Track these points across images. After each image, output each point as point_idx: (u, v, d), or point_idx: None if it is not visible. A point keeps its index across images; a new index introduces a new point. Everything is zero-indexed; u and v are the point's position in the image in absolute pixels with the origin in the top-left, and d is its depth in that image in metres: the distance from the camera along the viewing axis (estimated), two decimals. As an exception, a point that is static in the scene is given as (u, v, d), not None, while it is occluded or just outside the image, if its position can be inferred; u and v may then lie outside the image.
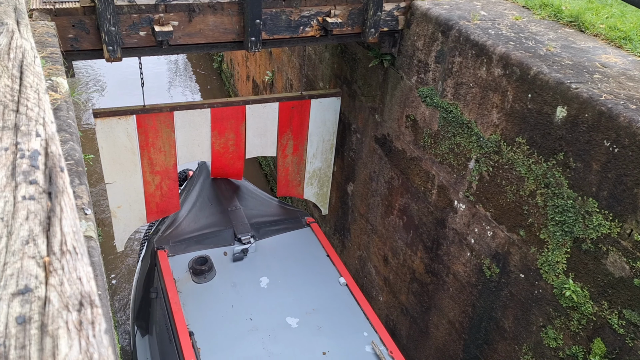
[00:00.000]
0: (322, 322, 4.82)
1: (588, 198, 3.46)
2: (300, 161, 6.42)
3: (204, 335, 4.58)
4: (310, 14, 4.58)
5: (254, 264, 5.41)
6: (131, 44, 4.17)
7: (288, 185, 6.53)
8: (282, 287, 5.22)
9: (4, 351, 0.70)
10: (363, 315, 4.91)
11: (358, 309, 4.97)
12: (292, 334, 4.70)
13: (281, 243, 5.68)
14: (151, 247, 5.69)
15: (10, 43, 1.45)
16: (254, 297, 5.03)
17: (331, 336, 4.69)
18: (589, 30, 4.32)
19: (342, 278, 5.26)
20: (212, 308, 4.91)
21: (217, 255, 5.44)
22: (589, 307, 3.58)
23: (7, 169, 0.96)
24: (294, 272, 5.38)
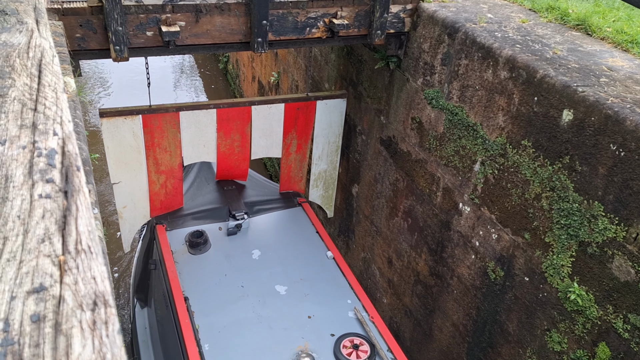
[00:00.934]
0: (308, 290, 5.15)
1: (594, 202, 3.46)
2: (302, 159, 6.45)
3: (198, 300, 4.90)
4: (316, 16, 4.59)
5: (247, 238, 5.75)
6: (138, 44, 4.19)
7: (290, 182, 6.58)
8: (272, 259, 5.55)
9: (19, 349, 0.71)
10: (347, 285, 5.22)
11: (343, 279, 5.30)
12: (280, 300, 5.03)
13: (273, 220, 6.01)
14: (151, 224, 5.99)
15: (30, 42, 1.46)
16: (246, 268, 5.36)
17: (316, 302, 5.02)
18: (596, 34, 4.31)
19: (330, 252, 5.61)
20: (206, 276, 5.23)
21: (212, 230, 5.77)
22: (594, 311, 3.58)
23: (24, 167, 0.97)
24: (284, 246, 5.72)
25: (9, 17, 1.59)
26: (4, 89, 1.20)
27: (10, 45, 1.41)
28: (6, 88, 1.20)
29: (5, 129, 1.07)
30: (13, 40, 1.44)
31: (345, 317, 4.85)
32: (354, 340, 4.59)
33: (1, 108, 1.14)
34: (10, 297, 0.77)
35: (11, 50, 1.39)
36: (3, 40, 1.45)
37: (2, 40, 1.45)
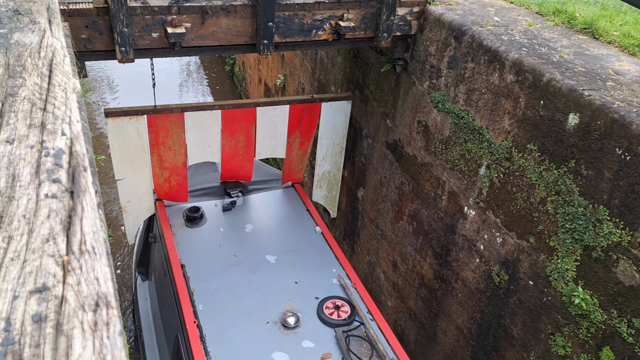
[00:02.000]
0: (296, 260, 5.58)
1: (599, 206, 3.44)
2: (304, 154, 6.51)
3: (193, 267, 5.34)
4: (323, 18, 4.59)
5: (241, 214, 6.16)
6: (144, 45, 4.20)
7: (291, 174, 6.66)
8: (264, 232, 5.96)
9: (19, 349, 0.71)
10: (333, 256, 5.64)
11: (329, 251, 5.72)
12: (269, 267, 5.48)
13: (267, 199, 6.40)
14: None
15: (42, 42, 1.47)
16: (239, 240, 5.80)
17: (303, 270, 5.45)
18: (603, 38, 4.30)
19: (318, 227, 6.00)
20: (201, 247, 5.66)
21: (208, 207, 6.20)
22: (598, 315, 3.56)
23: (31, 167, 0.97)
24: (275, 221, 6.14)
25: (22, 17, 1.60)
26: (14, 88, 1.21)
27: (22, 45, 1.42)
28: (17, 87, 1.21)
29: (15, 128, 1.07)
30: (25, 40, 1.45)
31: (329, 283, 5.29)
32: (336, 302, 5.01)
33: (11, 107, 1.14)
34: (12, 297, 0.77)
35: (23, 49, 1.40)
36: (15, 40, 1.46)
37: (14, 40, 1.46)
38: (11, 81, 1.20)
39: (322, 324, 4.84)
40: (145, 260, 6.78)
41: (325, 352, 4.60)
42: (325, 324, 4.83)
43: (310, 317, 4.91)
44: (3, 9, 1.64)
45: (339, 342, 4.66)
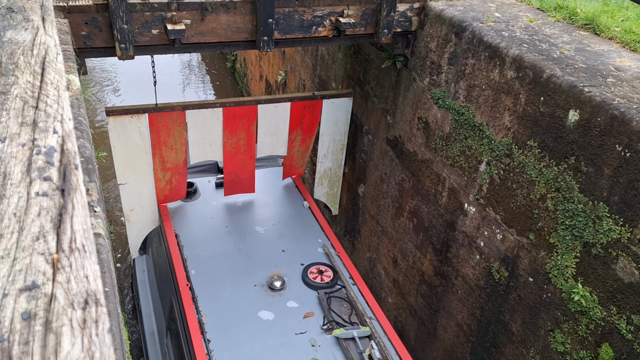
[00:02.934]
0: (284, 231, 5.94)
1: (599, 203, 3.44)
2: (305, 150, 6.51)
3: (187, 237, 5.72)
4: (323, 14, 4.59)
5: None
6: (143, 42, 4.20)
7: (291, 169, 6.68)
8: (254, 205, 6.32)
9: (8, 346, 0.71)
10: (319, 228, 6.00)
11: (316, 223, 6.07)
12: (258, 237, 5.84)
13: (258, 176, 6.60)
14: None
15: (35, 39, 1.47)
16: (230, 213, 6.14)
17: (290, 240, 5.81)
18: (604, 34, 4.28)
19: (306, 202, 6.35)
20: (194, 218, 6.02)
21: (202, 182, 6.59)
22: (598, 312, 3.56)
23: (22, 165, 0.97)
24: (266, 196, 6.48)
25: (15, 15, 1.60)
26: (6, 86, 1.21)
27: (15, 43, 1.42)
28: (9, 85, 1.21)
29: (6, 126, 1.07)
30: (18, 38, 1.45)
31: (314, 252, 5.66)
32: (319, 268, 5.40)
33: (3, 105, 1.15)
34: (2, 295, 0.77)
35: (16, 47, 1.40)
36: (8, 38, 1.46)
37: (7, 38, 1.46)
38: (3, 79, 1.21)
39: (306, 287, 5.19)
40: None
41: (308, 311, 4.95)
42: (309, 287, 5.19)
43: (295, 281, 5.26)
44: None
45: (321, 302, 5.00)
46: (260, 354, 4.52)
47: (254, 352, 4.52)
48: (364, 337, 4.63)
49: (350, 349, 4.52)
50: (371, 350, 4.48)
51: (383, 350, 4.49)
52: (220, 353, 4.50)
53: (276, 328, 4.76)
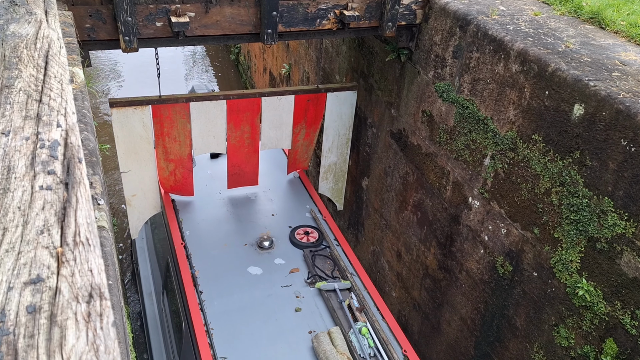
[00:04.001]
0: (274, 197, 6.31)
1: (603, 197, 3.43)
2: (309, 144, 6.52)
3: (182, 202, 6.09)
4: (327, 7, 4.57)
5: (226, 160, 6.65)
6: (147, 35, 4.19)
7: (296, 163, 6.71)
8: None
9: (13, 339, 0.72)
10: (308, 195, 6.36)
11: (305, 191, 6.43)
12: (249, 202, 6.24)
13: None
14: None
15: (38, 33, 1.47)
16: (224, 180, 6.37)
17: (280, 205, 6.18)
18: (609, 27, 4.25)
19: (297, 172, 6.75)
20: None
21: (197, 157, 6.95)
22: (602, 307, 3.55)
23: (26, 159, 0.97)
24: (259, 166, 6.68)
25: (18, 8, 1.60)
26: (10, 80, 1.21)
27: (18, 36, 1.42)
28: (12, 79, 1.21)
29: (10, 120, 1.07)
30: (21, 31, 1.45)
31: (302, 216, 6.07)
32: (306, 230, 5.79)
33: (7, 99, 1.14)
34: (7, 288, 0.78)
35: (19, 41, 1.39)
36: (12, 31, 1.46)
37: (10, 31, 1.46)
38: (7, 73, 1.20)
39: (292, 247, 5.59)
40: None
41: (294, 267, 5.34)
42: (296, 247, 5.59)
43: (283, 241, 5.66)
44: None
45: (306, 259, 5.41)
46: (248, 303, 4.89)
47: (242, 302, 4.89)
48: (344, 289, 5.03)
49: (331, 299, 4.92)
50: (350, 300, 4.88)
51: (361, 300, 4.87)
52: (211, 302, 4.87)
53: (264, 281, 5.15)
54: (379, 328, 4.64)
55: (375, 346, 4.50)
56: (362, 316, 4.76)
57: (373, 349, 4.48)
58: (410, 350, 4.57)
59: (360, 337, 4.52)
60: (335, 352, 4.30)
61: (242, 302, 4.87)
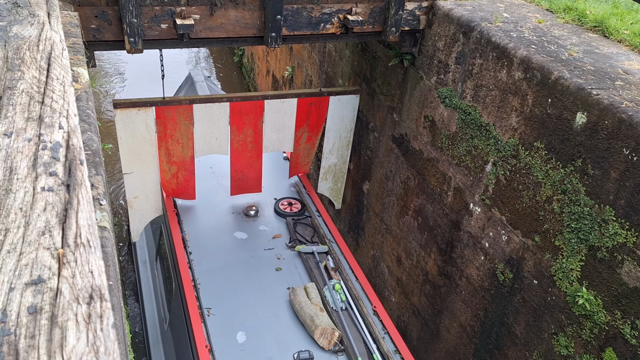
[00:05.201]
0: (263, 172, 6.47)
1: (605, 206, 3.42)
2: (311, 147, 6.53)
3: None
4: (331, 11, 4.58)
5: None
6: (152, 36, 4.21)
7: (297, 167, 6.72)
8: None
9: (14, 339, 0.72)
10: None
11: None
12: None
13: None
14: None
15: (41, 35, 1.47)
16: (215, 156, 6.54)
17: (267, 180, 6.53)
18: (613, 36, 4.26)
19: (285, 154, 7.17)
20: None
21: None
22: (602, 316, 3.55)
23: (29, 160, 0.98)
24: None
25: (21, 10, 1.61)
26: (13, 82, 1.21)
27: (21, 38, 1.43)
28: (15, 80, 1.22)
29: (13, 121, 1.08)
30: (24, 33, 1.46)
31: (287, 190, 6.56)
32: (290, 201, 6.27)
33: (9, 100, 1.15)
34: (8, 289, 0.78)
35: (22, 42, 1.40)
36: (14, 33, 1.46)
37: (13, 33, 1.46)
38: (10, 74, 1.21)
39: (277, 216, 6.08)
40: None
41: (277, 233, 5.82)
42: (280, 216, 6.07)
43: (268, 211, 6.14)
44: (2, 1, 1.64)
45: (288, 226, 5.89)
46: (233, 263, 5.37)
47: (227, 262, 5.37)
48: (322, 252, 5.52)
49: (309, 260, 5.41)
50: (327, 262, 5.35)
51: (337, 262, 5.35)
52: (199, 262, 5.33)
53: (248, 245, 5.65)
54: (352, 286, 5.10)
55: (347, 301, 4.92)
56: (336, 275, 5.23)
57: (345, 303, 4.89)
58: (379, 306, 4.98)
59: (333, 292, 4.94)
60: (309, 303, 4.75)
61: (228, 262, 5.37)
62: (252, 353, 4.49)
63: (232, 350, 4.49)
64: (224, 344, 4.52)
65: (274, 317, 4.81)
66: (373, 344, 4.60)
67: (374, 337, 4.67)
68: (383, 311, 4.91)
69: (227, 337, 4.60)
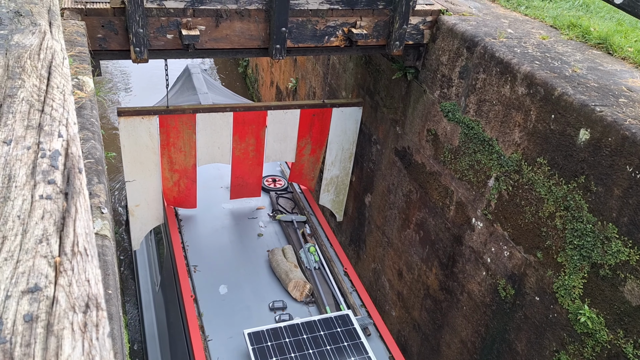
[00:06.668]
0: None
1: (608, 223, 3.41)
2: (316, 161, 6.51)
3: None
4: (335, 25, 4.60)
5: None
6: (158, 46, 4.23)
7: (301, 177, 6.73)
8: None
9: (10, 348, 0.71)
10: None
11: None
12: None
13: None
14: None
15: (42, 44, 1.48)
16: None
17: None
18: (617, 53, 4.26)
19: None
20: None
21: None
22: (604, 334, 3.51)
23: (27, 168, 0.98)
24: None
25: (23, 19, 1.62)
26: (13, 90, 1.22)
27: (22, 46, 1.43)
28: (15, 89, 1.22)
29: (12, 129, 1.08)
30: (25, 42, 1.46)
31: (273, 169, 7.11)
32: (274, 178, 6.85)
33: (9, 108, 1.15)
34: (5, 296, 0.77)
35: (23, 51, 1.41)
36: (16, 41, 1.47)
37: (14, 41, 1.47)
38: (10, 82, 1.22)
39: (262, 191, 6.54)
40: None
41: (260, 205, 6.39)
42: (264, 190, 6.59)
43: None
44: (4, 9, 1.65)
45: (271, 199, 6.46)
46: (220, 228, 6.00)
47: (214, 227, 5.99)
48: (301, 221, 6.12)
49: (289, 228, 6.01)
50: (304, 229, 5.96)
51: (314, 230, 5.92)
52: (188, 227, 5.91)
53: (234, 214, 6.24)
54: (325, 250, 5.66)
55: (320, 261, 5.48)
56: (312, 240, 5.82)
57: (318, 263, 5.46)
58: (350, 268, 5.52)
59: (308, 254, 5.52)
60: (285, 261, 5.32)
61: (214, 228, 5.98)
62: (232, 302, 5.07)
63: (214, 300, 5.08)
64: (207, 295, 5.10)
65: (253, 274, 5.42)
66: (341, 297, 5.11)
67: (342, 292, 5.17)
68: (353, 273, 5.46)
69: (210, 289, 5.18)
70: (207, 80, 9.13)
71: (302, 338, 4.48)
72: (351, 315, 4.69)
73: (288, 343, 4.42)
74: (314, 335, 4.51)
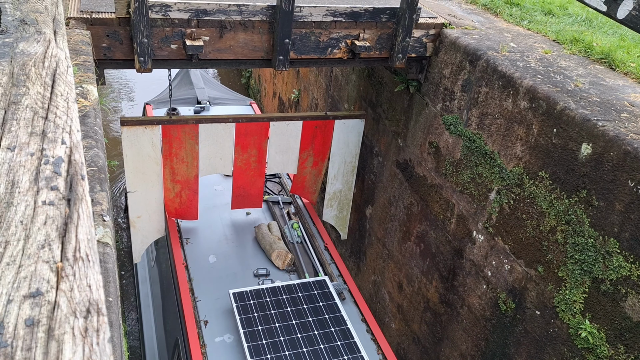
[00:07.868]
0: None
1: (609, 238, 3.40)
2: (318, 174, 6.50)
3: None
4: (339, 37, 4.63)
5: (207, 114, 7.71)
6: (162, 56, 4.26)
7: (303, 189, 6.71)
8: None
9: (11, 351, 0.72)
10: None
11: None
12: None
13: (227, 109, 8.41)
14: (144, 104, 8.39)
15: (46, 52, 1.50)
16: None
17: None
18: (619, 68, 4.28)
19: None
20: None
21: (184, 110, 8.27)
22: (605, 350, 3.49)
23: (30, 174, 0.98)
24: None
25: (28, 27, 1.63)
26: (17, 97, 1.23)
27: (27, 54, 1.45)
28: (20, 96, 1.23)
29: (16, 136, 1.09)
30: (30, 50, 1.48)
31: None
32: None
33: (14, 115, 1.16)
34: (7, 301, 0.78)
35: (27, 59, 1.42)
36: (21, 49, 1.49)
37: (19, 49, 1.49)
38: (15, 89, 1.23)
39: None
40: None
41: None
42: None
43: None
44: (10, 18, 1.67)
45: None
46: (211, 206, 6.52)
47: (207, 206, 6.48)
48: (286, 202, 6.66)
49: (275, 207, 6.58)
50: (289, 209, 6.54)
51: (298, 210, 6.47)
52: None
53: (225, 194, 6.72)
54: (308, 227, 6.15)
55: (302, 236, 5.98)
56: (296, 218, 6.33)
57: (301, 238, 5.96)
58: (330, 244, 5.97)
59: (291, 230, 6.04)
60: (269, 234, 5.84)
61: (207, 206, 6.49)
62: (219, 270, 5.57)
63: (204, 267, 5.59)
64: (197, 263, 5.63)
65: (240, 246, 5.95)
66: (320, 267, 5.58)
67: (322, 263, 5.67)
68: (333, 249, 5.92)
69: (200, 258, 5.71)
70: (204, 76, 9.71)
71: (282, 298, 5.00)
72: (328, 281, 5.19)
73: (269, 302, 4.93)
74: (293, 297, 5.01)
